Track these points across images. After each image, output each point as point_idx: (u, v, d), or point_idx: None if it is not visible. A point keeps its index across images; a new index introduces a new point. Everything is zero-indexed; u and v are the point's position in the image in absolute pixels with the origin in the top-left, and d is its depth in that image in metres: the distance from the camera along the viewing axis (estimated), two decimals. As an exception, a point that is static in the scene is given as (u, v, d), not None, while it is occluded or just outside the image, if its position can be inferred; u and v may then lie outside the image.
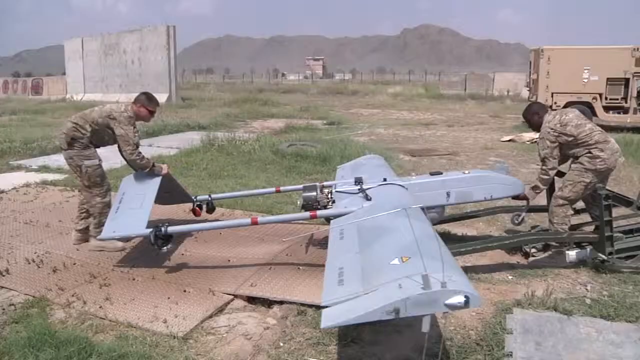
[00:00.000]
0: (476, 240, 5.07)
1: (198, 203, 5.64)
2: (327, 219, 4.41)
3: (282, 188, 5.94)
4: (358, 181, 4.67)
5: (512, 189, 4.92)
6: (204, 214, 5.67)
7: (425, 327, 2.41)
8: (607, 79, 16.50)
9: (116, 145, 5.18)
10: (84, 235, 5.30)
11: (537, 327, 3.57)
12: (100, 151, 5.22)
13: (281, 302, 4.01)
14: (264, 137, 12.34)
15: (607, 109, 16.68)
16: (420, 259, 2.60)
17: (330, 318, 2.43)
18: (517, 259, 4.99)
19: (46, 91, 38.50)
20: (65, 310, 3.89)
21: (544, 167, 4.94)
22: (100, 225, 5.08)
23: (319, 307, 3.83)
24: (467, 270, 4.65)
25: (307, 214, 4.47)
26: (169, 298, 4.05)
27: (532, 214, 5.77)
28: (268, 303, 4.05)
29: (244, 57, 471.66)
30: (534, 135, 14.37)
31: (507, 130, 16.55)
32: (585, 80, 16.68)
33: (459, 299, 2.29)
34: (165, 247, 4.45)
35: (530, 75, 19.10)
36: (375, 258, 2.93)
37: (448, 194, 4.78)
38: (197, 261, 4.87)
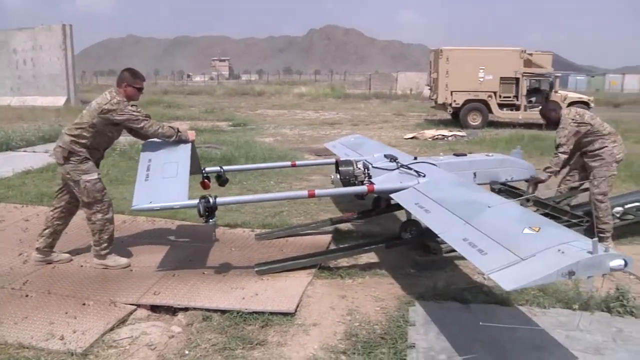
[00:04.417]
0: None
1: (207, 175, 5.23)
2: (358, 196, 4.70)
3: (298, 162, 6.06)
4: (392, 158, 4.79)
5: (529, 172, 5.30)
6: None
7: (589, 286, 2.81)
8: (501, 78, 17.53)
9: (99, 140, 4.76)
10: (46, 255, 4.78)
11: (438, 317, 3.71)
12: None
13: (186, 309, 3.91)
14: (168, 140, 11.98)
15: (501, 106, 17.72)
16: (549, 228, 2.97)
17: (510, 282, 2.63)
18: (418, 253, 5.12)
19: None
20: (-55, 334, 3.55)
21: (556, 151, 5.30)
22: (101, 243, 4.65)
23: (224, 312, 3.80)
24: (371, 265, 4.76)
25: (365, 187, 4.44)
26: (66, 313, 3.82)
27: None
28: (173, 310, 3.93)
29: (147, 58, 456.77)
30: (435, 132, 15.04)
31: (410, 128, 17.14)
32: (481, 80, 17.62)
33: (619, 262, 2.56)
34: (211, 220, 4.10)
35: (430, 74, 19.89)
36: (498, 228, 3.14)
37: (475, 174, 4.96)
38: (97, 272, 4.63)
